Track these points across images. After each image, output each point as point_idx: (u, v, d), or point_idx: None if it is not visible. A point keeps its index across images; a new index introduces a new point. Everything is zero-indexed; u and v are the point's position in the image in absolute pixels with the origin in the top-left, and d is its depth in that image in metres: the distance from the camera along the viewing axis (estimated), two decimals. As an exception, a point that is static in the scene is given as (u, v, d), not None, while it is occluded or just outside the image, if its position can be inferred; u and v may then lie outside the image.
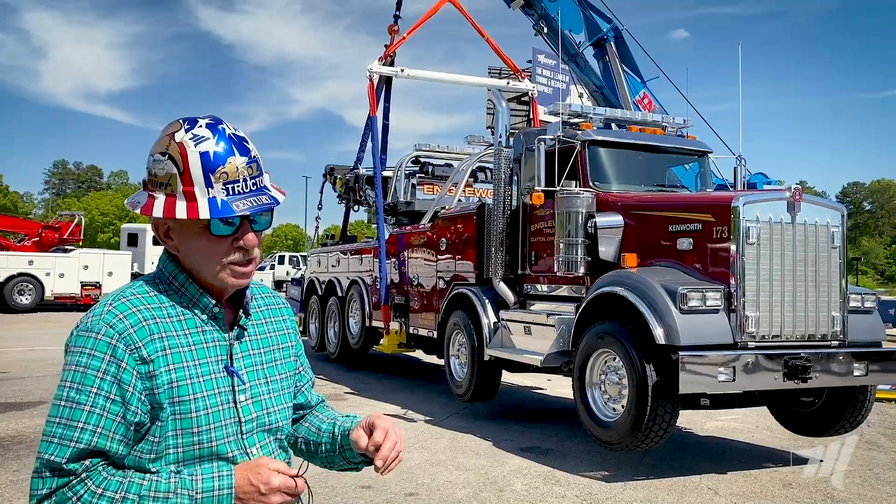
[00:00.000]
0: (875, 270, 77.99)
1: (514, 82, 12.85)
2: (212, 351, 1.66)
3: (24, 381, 10.84)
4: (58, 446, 1.49)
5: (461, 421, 8.68)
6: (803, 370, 6.27)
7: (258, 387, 1.72)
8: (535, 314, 8.08)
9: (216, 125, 1.61)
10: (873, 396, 7.16)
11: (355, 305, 12.37)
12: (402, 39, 12.47)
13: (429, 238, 10.30)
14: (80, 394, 1.52)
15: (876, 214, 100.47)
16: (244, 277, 1.66)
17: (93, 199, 78.10)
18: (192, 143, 1.58)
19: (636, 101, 13.91)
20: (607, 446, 6.68)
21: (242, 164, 1.60)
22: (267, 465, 1.57)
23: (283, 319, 1.88)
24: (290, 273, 37.98)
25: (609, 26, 13.92)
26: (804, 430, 7.45)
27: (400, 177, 12.28)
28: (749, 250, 6.37)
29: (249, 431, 1.68)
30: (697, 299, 6.20)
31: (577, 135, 7.95)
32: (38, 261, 24.49)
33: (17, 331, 18.23)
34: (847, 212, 6.93)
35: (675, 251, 6.83)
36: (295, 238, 78.62)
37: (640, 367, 6.21)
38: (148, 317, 1.59)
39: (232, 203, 1.57)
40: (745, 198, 6.48)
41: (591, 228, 7.39)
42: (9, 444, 7.19)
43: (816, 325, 6.60)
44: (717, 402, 6.83)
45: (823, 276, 6.65)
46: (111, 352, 1.53)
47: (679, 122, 8.74)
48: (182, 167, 1.57)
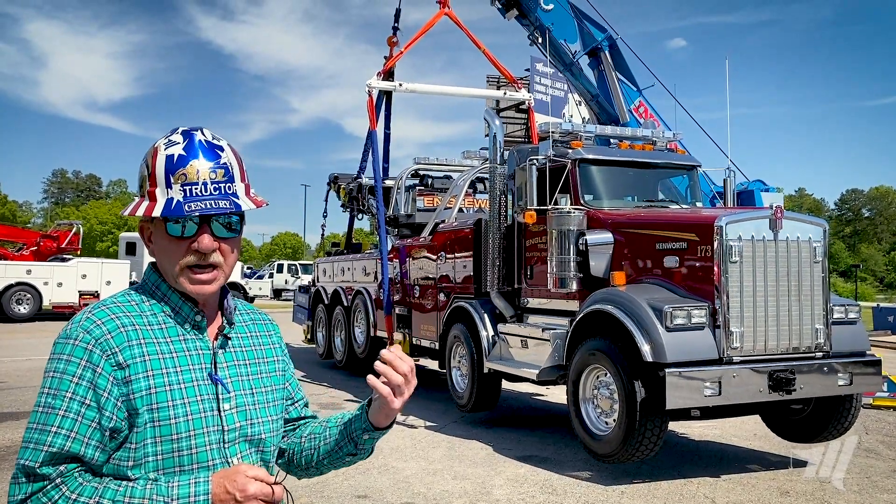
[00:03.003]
0: (874, 277, 77.95)
1: (510, 92, 13.05)
2: (194, 359, 1.65)
3: (21, 391, 10.96)
4: (32, 451, 1.51)
5: (459, 429, 8.88)
6: (787, 382, 6.51)
7: (243, 397, 1.71)
8: (532, 328, 8.32)
9: (191, 132, 1.65)
10: (859, 404, 7.38)
11: (360, 315, 12.65)
12: (399, 54, 12.73)
13: (429, 251, 10.55)
14: (55, 399, 1.53)
15: (875, 221, 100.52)
16: (202, 284, 1.65)
17: (91, 207, 77.59)
18: (163, 147, 1.63)
19: (632, 109, 14.08)
20: (601, 459, 6.93)
21: (205, 168, 1.61)
22: (244, 473, 1.55)
23: (270, 334, 1.88)
24: (290, 282, 38.36)
25: (603, 35, 14.07)
26: (794, 436, 7.68)
27: (400, 189, 12.54)
28: (732, 268, 6.59)
29: (232, 440, 1.67)
30: (683, 317, 6.44)
31: (567, 153, 8.18)
32: (37, 270, 24.49)
33: (15, 340, 18.31)
34: (827, 227, 7.13)
35: (662, 268, 7.06)
36: (294, 246, 78.76)
37: (629, 384, 6.46)
38: (126, 323, 1.60)
39: (185, 204, 1.59)
40: (727, 217, 6.70)
41: (582, 245, 7.63)
42: (4, 453, 7.33)
43: (800, 338, 6.82)
44: (708, 413, 7.06)
45: (806, 289, 6.87)
46: (87, 357, 1.54)
47: (669, 135, 8.95)
48: (150, 169, 1.63)
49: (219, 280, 1.68)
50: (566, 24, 13.83)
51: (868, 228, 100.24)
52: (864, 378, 7.01)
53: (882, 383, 7.90)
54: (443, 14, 12.83)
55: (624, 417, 6.51)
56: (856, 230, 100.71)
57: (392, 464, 7.16)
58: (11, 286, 23.65)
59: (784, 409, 7.60)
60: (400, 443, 8.01)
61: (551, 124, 8.57)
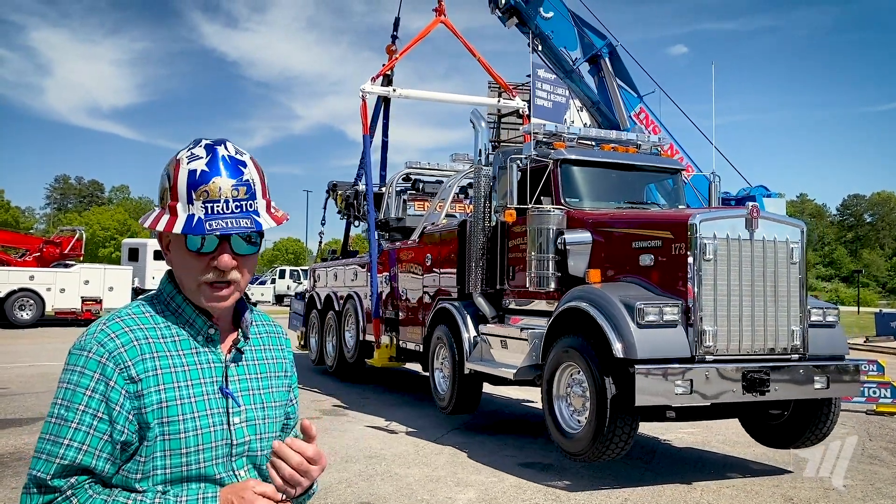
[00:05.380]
0: (877, 283, 77.39)
1: (505, 100, 13.10)
2: (206, 372, 1.65)
3: (24, 396, 10.93)
4: (44, 462, 1.51)
5: (461, 436, 8.78)
6: (761, 383, 6.43)
7: (253, 411, 1.71)
8: (511, 328, 8.29)
9: (214, 146, 1.64)
10: (838, 409, 7.28)
11: (350, 319, 12.65)
12: (394, 60, 12.81)
13: (416, 254, 10.55)
14: (68, 411, 1.53)
15: (877, 227, 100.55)
16: (219, 300, 1.65)
17: (94, 213, 77.95)
18: (186, 161, 1.62)
19: (633, 115, 14.08)
20: (572, 457, 6.87)
21: (228, 186, 1.61)
22: (252, 489, 1.56)
23: (282, 349, 1.87)
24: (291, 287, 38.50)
25: (603, 42, 14.10)
26: (772, 441, 7.58)
27: (391, 193, 12.58)
28: (706, 266, 6.55)
29: (240, 454, 1.67)
30: (655, 314, 6.39)
31: (550, 154, 8.17)
32: (39, 276, 24.37)
33: (18, 346, 18.30)
34: (805, 228, 7.06)
35: (638, 267, 7.02)
36: (296, 252, 78.94)
37: (600, 381, 6.40)
38: (140, 336, 1.60)
39: (206, 222, 1.58)
40: (701, 215, 6.66)
41: (560, 245, 7.60)
42: (8, 460, 7.28)
43: (776, 339, 6.75)
44: (684, 414, 7.00)
45: (783, 290, 6.80)
46: (100, 370, 1.54)
47: (654, 139, 8.93)
48: (172, 183, 1.62)
49: (235, 295, 1.68)
50: (566, 32, 13.89)
51: (870, 234, 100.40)
52: (842, 382, 6.90)
53: (859, 388, 7.78)
54: (439, 22, 12.94)
55: (594, 415, 6.45)
56: (857, 236, 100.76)
57: (395, 470, 7.09)
58: (14, 292, 23.64)
59: (762, 413, 7.52)
60: (402, 449, 7.94)
61: (533, 125, 8.57)
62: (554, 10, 13.56)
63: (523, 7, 13.03)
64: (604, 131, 9.18)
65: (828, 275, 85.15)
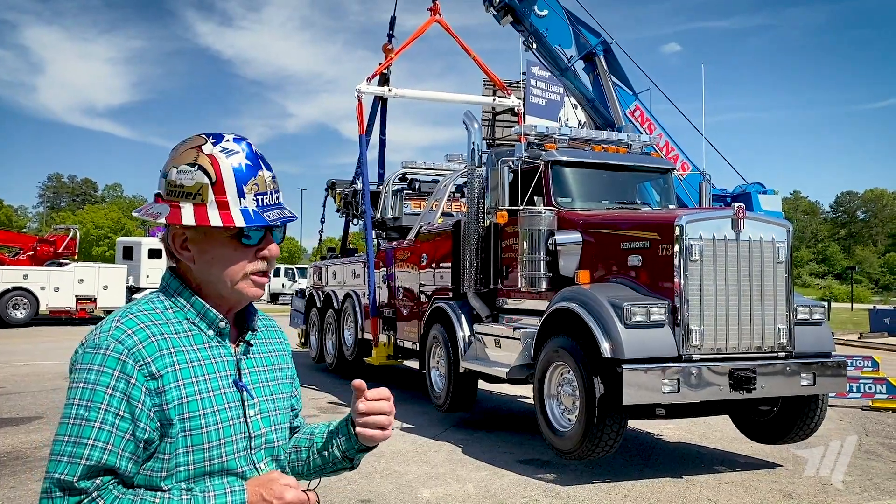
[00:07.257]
0: (870, 279, 77.48)
1: (500, 98, 13.19)
2: (220, 366, 1.65)
3: (19, 396, 10.95)
4: (68, 464, 1.47)
5: (459, 433, 8.87)
6: (748, 381, 6.55)
7: (265, 403, 1.73)
8: (504, 327, 8.41)
9: (242, 140, 1.67)
10: (825, 405, 7.39)
11: (350, 318, 12.79)
12: (389, 59, 12.90)
13: (412, 253, 10.67)
14: (89, 411, 1.50)
15: (870, 224, 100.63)
16: (261, 288, 1.71)
17: (88, 212, 77.29)
18: (224, 156, 1.63)
19: (628, 113, 14.15)
20: (562, 455, 6.99)
21: (269, 178, 1.67)
22: (279, 480, 1.57)
23: (281, 342, 1.90)
24: (286, 285, 38.55)
25: (598, 40, 14.17)
26: (761, 437, 7.70)
27: (388, 193, 12.69)
28: (693, 267, 6.65)
29: (258, 446, 1.68)
30: (642, 314, 6.50)
31: (540, 155, 8.27)
32: (33, 275, 24.30)
33: (12, 346, 18.22)
34: (791, 229, 7.16)
35: (626, 267, 7.13)
36: (290, 250, 78.92)
37: (589, 380, 6.52)
38: (156, 332, 1.59)
39: (263, 213, 1.63)
40: (688, 216, 6.76)
41: (551, 245, 7.71)
42: (5, 460, 7.29)
43: (762, 338, 6.86)
44: (674, 411, 7.11)
45: (769, 290, 6.90)
46: (120, 368, 1.52)
47: (645, 139, 9.02)
48: (215, 177, 1.61)
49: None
50: (561, 30, 13.95)
51: (863, 231, 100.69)
52: (828, 379, 7.02)
53: (845, 384, 7.87)
54: (433, 21, 13.02)
55: (584, 414, 6.57)
56: (851, 232, 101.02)
57: (394, 468, 7.16)
58: (8, 291, 23.56)
59: (752, 410, 7.63)
60: (401, 447, 8.02)
61: (524, 126, 8.67)
62: (548, 7, 13.61)
63: (518, 5, 13.09)
64: (594, 132, 9.28)
65: (821, 271, 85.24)
